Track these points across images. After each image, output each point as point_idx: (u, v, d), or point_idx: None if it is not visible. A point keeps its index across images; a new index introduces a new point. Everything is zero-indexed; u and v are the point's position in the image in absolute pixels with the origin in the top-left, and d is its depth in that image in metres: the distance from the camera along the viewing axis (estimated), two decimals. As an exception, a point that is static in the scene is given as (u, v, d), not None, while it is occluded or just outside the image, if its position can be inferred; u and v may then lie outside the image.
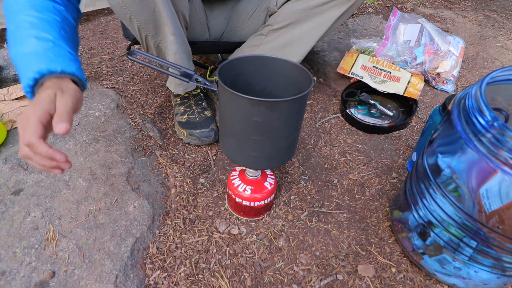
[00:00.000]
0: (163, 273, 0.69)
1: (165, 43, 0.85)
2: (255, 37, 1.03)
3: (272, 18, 0.99)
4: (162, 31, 0.83)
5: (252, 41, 1.04)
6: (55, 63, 0.55)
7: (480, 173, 0.53)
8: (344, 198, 0.87)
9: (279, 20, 0.97)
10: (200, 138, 0.94)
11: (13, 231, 0.70)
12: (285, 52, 0.98)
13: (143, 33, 0.83)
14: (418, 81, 1.14)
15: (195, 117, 0.97)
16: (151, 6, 0.76)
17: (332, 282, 0.70)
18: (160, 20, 0.80)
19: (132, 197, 0.80)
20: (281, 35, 0.97)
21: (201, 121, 0.96)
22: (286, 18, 0.95)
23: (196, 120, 0.97)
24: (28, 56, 0.56)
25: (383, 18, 1.67)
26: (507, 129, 0.47)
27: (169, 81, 1.01)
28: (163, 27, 0.81)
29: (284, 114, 0.59)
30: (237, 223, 0.79)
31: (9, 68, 1.19)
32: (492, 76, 0.56)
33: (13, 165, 0.83)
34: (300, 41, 0.97)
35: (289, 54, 0.98)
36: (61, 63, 0.56)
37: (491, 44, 1.62)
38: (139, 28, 0.81)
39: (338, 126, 1.11)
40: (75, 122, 0.99)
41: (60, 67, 0.55)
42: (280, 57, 0.68)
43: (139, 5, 0.75)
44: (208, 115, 0.99)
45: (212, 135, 0.95)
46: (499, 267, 0.60)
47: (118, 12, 0.79)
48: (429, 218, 0.64)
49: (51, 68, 0.54)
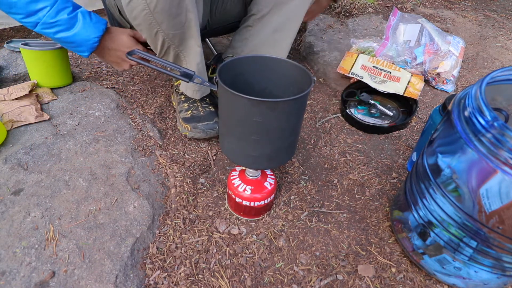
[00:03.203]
0: (163, 273, 0.69)
1: (186, 53, 0.85)
2: (242, 30, 1.02)
3: (254, 7, 0.98)
4: (188, 43, 0.83)
5: (240, 35, 1.03)
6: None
7: (480, 173, 0.53)
8: (344, 198, 0.87)
9: (261, 7, 0.95)
10: (205, 130, 0.94)
11: (13, 231, 0.70)
12: (276, 37, 0.97)
13: (166, 44, 0.82)
14: (418, 81, 1.14)
15: (200, 111, 0.97)
16: (182, 21, 0.76)
17: (332, 282, 0.70)
18: (188, 34, 0.80)
19: (132, 197, 0.80)
20: (268, 22, 0.96)
21: (205, 114, 0.96)
22: (267, 3, 0.94)
23: (201, 114, 0.96)
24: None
25: (383, 18, 1.67)
26: (507, 129, 0.47)
27: (186, 87, 0.99)
28: (189, 40, 0.82)
29: (284, 114, 0.59)
30: (237, 223, 0.79)
31: (9, 68, 1.19)
32: (492, 76, 0.56)
33: (13, 165, 0.83)
34: (288, 22, 0.96)
35: (281, 39, 0.97)
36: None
37: (491, 44, 1.62)
38: (164, 40, 0.80)
39: (338, 126, 1.11)
40: (75, 122, 0.99)
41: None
42: (280, 57, 0.68)
43: (172, 20, 0.75)
44: (212, 109, 0.99)
45: (217, 127, 0.94)
46: (499, 267, 0.60)
47: (144, 27, 0.77)
48: (429, 218, 0.64)
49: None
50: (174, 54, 0.85)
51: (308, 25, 1.59)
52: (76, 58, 1.39)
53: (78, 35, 0.78)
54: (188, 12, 0.75)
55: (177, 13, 0.74)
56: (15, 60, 1.22)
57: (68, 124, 0.98)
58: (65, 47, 0.82)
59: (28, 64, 1.09)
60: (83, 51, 0.82)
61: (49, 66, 1.08)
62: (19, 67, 1.20)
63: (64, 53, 1.10)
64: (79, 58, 1.39)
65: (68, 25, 0.76)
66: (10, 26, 1.53)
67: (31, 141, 0.90)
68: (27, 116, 0.97)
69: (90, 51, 0.82)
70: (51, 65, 1.08)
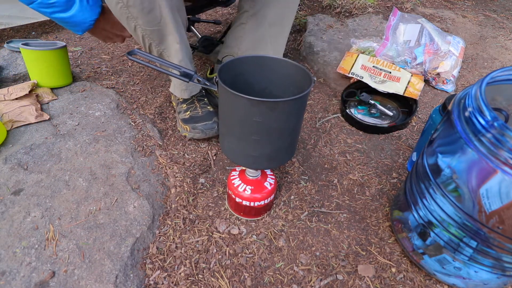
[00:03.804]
0: (163, 273, 0.69)
1: (168, 52, 0.85)
2: (236, 28, 1.02)
3: (246, 3, 0.97)
4: (167, 41, 0.83)
5: (234, 33, 1.02)
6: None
7: (480, 173, 0.53)
8: (344, 198, 0.87)
9: (254, 3, 0.94)
10: (204, 130, 0.94)
11: (13, 231, 0.70)
12: (273, 32, 0.96)
13: (147, 41, 0.83)
14: (418, 81, 1.14)
15: (198, 111, 0.97)
16: (157, 16, 0.77)
17: (332, 282, 0.70)
18: (165, 30, 0.80)
19: (132, 197, 0.80)
20: (262, 17, 0.95)
21: (204, 114, 0.96)
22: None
23: (199, 114, 0.96)
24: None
25: (383, 18, 1.66)
26: (507, 129, 0.47)
27: (174, 87, 1.00)
28: (168, 36, 0.82)
29: (284, 114, 0.59)
30: (237, 223, 0.79)
31: (9, 68, 1.19)
32: (492, 76, 0.56)
33: (13, 165, 0.83)
34: (284, 15, 0.95)
35: (278, 34, 0.96)
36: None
37: (491, 44, 1.62)
38: (144, 36, 0.82)
39: (338, 126, 1.11)
40: (75, 122, 0.99)
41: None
42: (280, 57, 0.68)
43: (146, 16, 0.76)
44: (210, 109, 0.98)
45: (215, 127, 0.94)
46: (499, 267, 0.60)
47: (123, 21, 0.80)
48: (429, 218, 0.64)
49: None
50: (158, 53, 0.86)
51: (308, 25, 1.59)
52: (76, 58, 1.39)
53: (74, 17, 0.79)
54: (161, 8, 0.76)
55: (150, 7, 0.75)
56: (15, 60, 1.22)
57: (68, 124, 0.98)
58: (59, 24, 0.84)
59: (28, 64, 1.09)
60: (78, 31, 0.83)
61: (49, 66, 1.08)
62: (19, 67, 1.20)
63: (64, 53, 1.10)
64: (79, 58, 1.39)
65: (65, 6, 0.77)
66: (10, 26, 1.53)
67: (31, 141, 0.90)
68: (27, 116, 0.97)
69: (84, 31, 0.84)
70: (51, 65, 1.08)
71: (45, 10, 0.76)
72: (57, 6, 0.76)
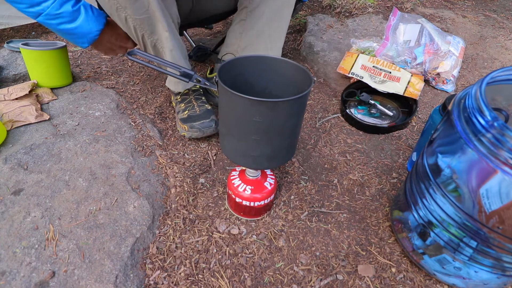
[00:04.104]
0: (163, 273, 0.69)
1: (161, 42, 0.87)
2: (236, 25, 1.02)
3: (245, 0, 0.98)
4: (157, 29, 0.84)
5: (234, 31, 1.03)
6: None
7: (480, 173, 0.53)
8: (344, 198, 0.87)
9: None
10: (201, 129, 0.94)
11: (13, 231, 0.70)
12: (272, 27, 0.97)
13: (139, 32, 0.84)
14: (418, 81, 1.14)
15: (196, 110, 0.97)
16: (144, 4, 0.79)
17: (332, 282, 0.70)
18: (153, 18, 0.82)
19: (132, 197, 0.80)
20: (261, 13, 0.96)
21: (201, 113, 0.96)
22: None
23: (197, 113, 0.96)
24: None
25: (383, 18, 1.66)
26: (507, 129, 0.47)
27: (168, 81, 1.01)
28: (157, 24, 0.83)
29: (284, 114, 0.59)
30: (237, 223, 0.79)
31: (9, 68, 1.19)
32: (492, 76, 0.56)
33: (13, 165, 0.83)
34: (282, 10, 0.95)
35: (276, 28, 0.97)
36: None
37: (491, 44, 1.62)
38: (135, 27, 0.83)
39: (338, 126, 1.11)
40: (75, 122, 0.99)
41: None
42: (280, 57, 0.68)
43: (133, 4, 0.78)
44: (208, 108, 0.98)
45: (213, 125, 0.94)
46: (499, 267, 0.60)
47: (113, 14, 0.81)
48: (429, 218, 0.64)
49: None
50: (152, 44, 0.87)
51: (308, 25, 1.59)
52: (76, 58, 1.39)
53: (80, 28, 0.80)
54: None
55: None
56: (15, 60, 1.22)
57: (68, 124, 0.98)
58: (64, 37, 0.84)
59: (28, 64, 1.09)
60: (83, 43, 0.84)
61: (49, 66, 1.08)
62: (19, 67, 1.20)
63: (64, 53, 1.10)
64: (79, 58, 1.40)
65: (71, 17, 0.78)
66: (10, 26, 1.53)
67: (31, 141, 0.90)
68: (27, 116, 0.97)
69: (90, 43, 0.84)
70: (51, 65, 1.08)
71: (52, 21, 0.77)
72: (64, 16, 0.77)
